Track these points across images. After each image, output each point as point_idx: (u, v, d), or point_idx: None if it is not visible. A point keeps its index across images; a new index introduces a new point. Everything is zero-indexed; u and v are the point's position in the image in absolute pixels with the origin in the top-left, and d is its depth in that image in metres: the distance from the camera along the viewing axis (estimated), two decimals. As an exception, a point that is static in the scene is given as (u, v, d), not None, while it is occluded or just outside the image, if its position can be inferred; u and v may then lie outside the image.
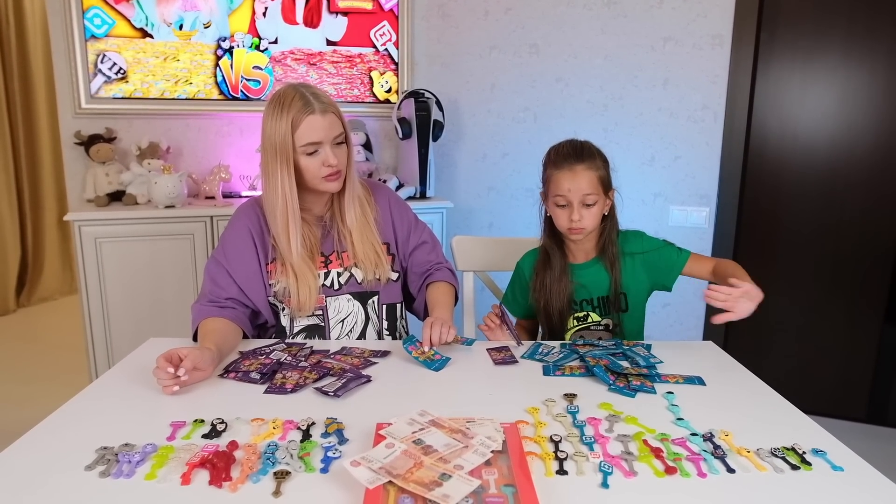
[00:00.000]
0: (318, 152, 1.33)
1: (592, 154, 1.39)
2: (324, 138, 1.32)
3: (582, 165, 1.36)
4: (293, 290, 1.38)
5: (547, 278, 1.46)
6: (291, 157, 1.31)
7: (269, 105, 1.33)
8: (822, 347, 2.54)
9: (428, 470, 0.80)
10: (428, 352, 1.26)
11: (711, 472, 0.86)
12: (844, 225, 2.44)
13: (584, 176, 1.36)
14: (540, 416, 1.03)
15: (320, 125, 1.31)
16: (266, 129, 1.32)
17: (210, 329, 1.29)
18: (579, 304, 1.46)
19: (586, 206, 1.37)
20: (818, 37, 2.37)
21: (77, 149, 2.50)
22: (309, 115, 1.30)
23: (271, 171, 1.33)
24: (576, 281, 1.45)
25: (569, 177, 1.36)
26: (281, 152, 1.31)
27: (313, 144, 1.31)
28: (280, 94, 1.33)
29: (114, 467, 0.85)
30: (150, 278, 2.30)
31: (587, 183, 1.36)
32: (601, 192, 1.38)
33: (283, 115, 1.30)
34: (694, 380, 1.18)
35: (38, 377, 2.87)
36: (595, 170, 1.37)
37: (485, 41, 2.76)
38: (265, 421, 0.99)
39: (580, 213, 1.36)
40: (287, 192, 1.33)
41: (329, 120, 1.32)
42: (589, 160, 1.37)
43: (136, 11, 2.49)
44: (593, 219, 1.38)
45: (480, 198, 2.89)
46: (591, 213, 1.37)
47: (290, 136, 1.30)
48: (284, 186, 1.32)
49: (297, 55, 2.70)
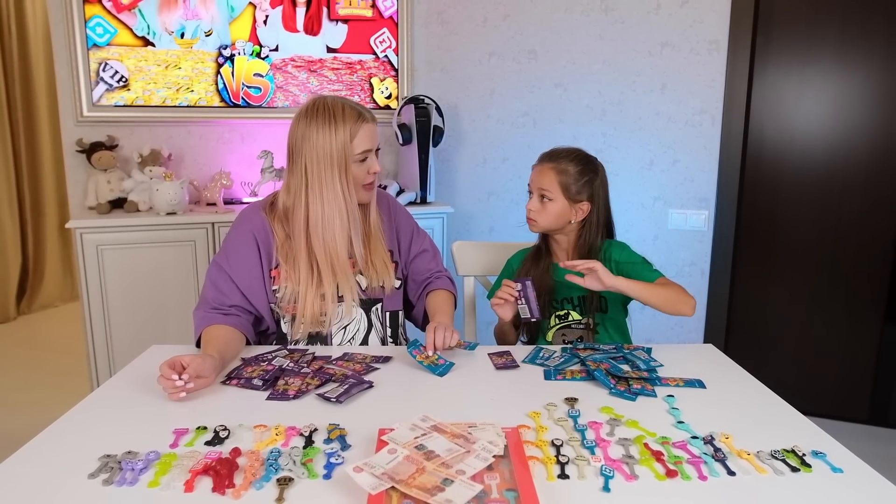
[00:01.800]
0: (366, 160, 1.38)
1: (565, 157, 1.48)
2: (373, 146, 1.39)
3: (549, 164, 1.48)
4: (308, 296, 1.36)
5: (532, 271, 1.54)
6: (347, 165, 1.35)
7: (315, 118, 1.34)
8: (823, 349, 2.55)
9: (430, 475, 0.81)
10: (432, 356, 1.27)
11: (712, 475, 0.87)
12: (843, 226, 2.45)
13: (547, 174, 1.47)
14: (541, 420, 1.03)
15: (373, 133, 1.38)
16: (317, 141, 1.33)
17: (213, 336, 1.29)
18: (560, 303, 1.52)
19: (541, 200, 1.47)
20: (813, 41, 2.39)
21: (79, 156, 2.51)
22: (364, 123, 1.36)
23: (327, 181, 1.34)
24: (556, 279, 1.51)
25: (537, 170, 1.50)
26: (339, 161, 1.34)
27: (367, 152, 1.37)
28: (326, 105, 1.35)
29: (117, 475, 0.85)
30: (151, 285, 2.31)
31: (547, 180, 1.47)
32: (560, 194, 1.46)
33: (339, 126, 1.33)
34: (694, 383, 1.19)
35: (40, 384, 2.87)
36: (559, 172, 1.46)
37: (484, 47, 2.77)
38: (268, 427, 0.99)
39: (534, 204, 1.48)
40: (349, 198, 1.36)
41: (375, 129, 1.40)
42: (557, 161, 1.48)
43: (138, 20, 2.50)
44: (546, 215, 1.47)
45: (481, 203, 2.90)
46: (545, 209, 1.47)
47: (349, 144, 1.34)
48: (346, 194, 1.36)
49: (298, 62, 2.72)
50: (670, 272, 2.64)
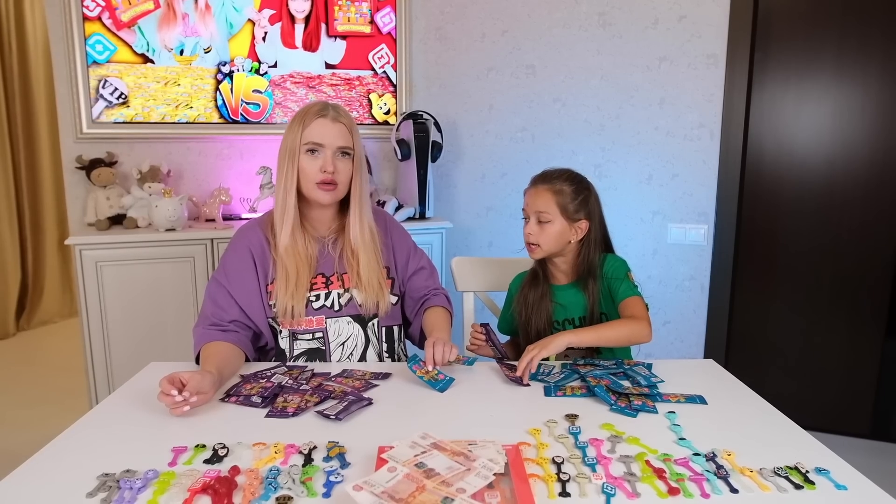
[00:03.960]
0: (318, 154, 1.39)
1: (559, 178, 1.47)
2: (327, 143, 1.38)
3: (544, 186, 1.46)
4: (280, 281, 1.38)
5: (530, 296, 1.53)
6: (297, 156, 1.39)
7: (293, 116, 1.43)
8: (824, 363, 2.54)
9: (430, 493, 0.80)
10: (432, 371, 1.26)
11: (715, 493, 0.86)
12: (843, 240, 2.45)
13: (542, 195, 1.45)
14: (542, 437, 1.02)
15: (327, 129, 1.38)
16: (285, 136, 1.42)
17: (212, 352, 1.29)
18: (561, 324, 1.51)
19: (540, 224, 1.45)
20: (811, 55, 2.40)
21: (78, 173, 2.52)
22: (320, 117, 1.39)
23: (284, 172, 1.40)
24: (556, 301, 1.51)
25: (531, 193, 1.48)
26: (290, 151, 1.39)
27: (314, 144, 1.38)
28: (305, 105, 1.44)
29: (115, 494, 0.85)
30: (150, 301, 2.30)
31: (543, 201, 1.45)
32: (558, 215, 1.45)
33: (299, 118, 1.40)
34: (695, 399, 1.18)
35: (38, 400, 2.85)
36: (555, 192, 1.45)
37: (482, 63, 2.79)
38: (267, 445, 0.98)
39: (532, 228, 1.46)
40: (289, 186, 1.39)
41: (338, 128, 1.40)
42: (552, 182, 1.46)
43: (138, 37, 2.52)
44: (546, 238, 1.45)
45: (480, 218, 2.91)
46: (545, 232, 1.45)
47: (300, 135, 1.38)
48: (288, 181, 1.39)
49: (297, 78, 2.73)
50: (670, 287, 2.64)
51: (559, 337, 1.29)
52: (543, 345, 1.27)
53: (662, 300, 2.64)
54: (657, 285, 2.65)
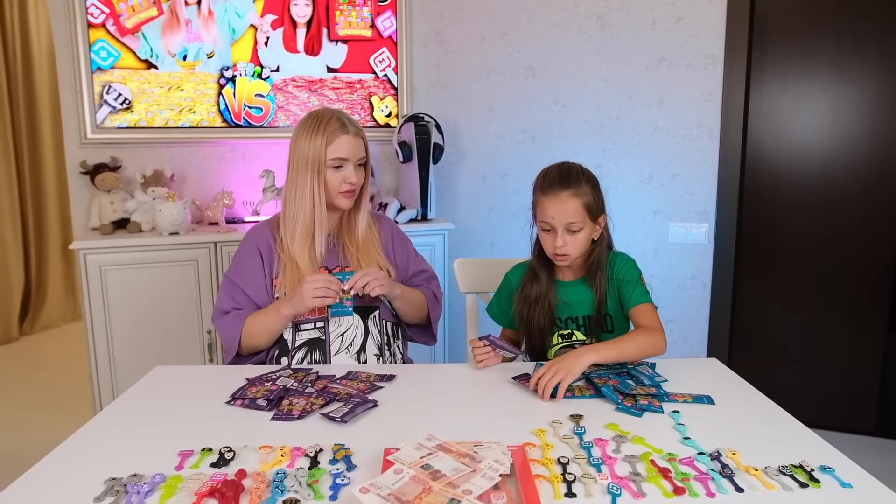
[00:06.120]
0: (342, 168, 1.47)
1: (579, 180, 1.38)
2: (350, 157, 1.47)
3: (567, 192, 1.36)
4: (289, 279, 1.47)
5: (532, 293, 1.47)
6: (323, 170, 1.46)
7: (306, 123, 1.48)
8: (827, 360, 2.54)
9: (437, 495, 0.80)
10: (344, 294, 1.38)
11: (720, 492, 0.86)
12: (843, 237, 2.45)
13: (569, 203, 1.35)
14: (547, 437, 1.03)
15: (351, 145, 1.47)
16: (300, 143, 1.47)
17: (258, 314, 1.46)
18: (564, 322, 1.47)
19: (571, 233, 1.37)
20: (808, 53, 2.41)
21: (82, 178, 2.52)
22: (343, 134, 1.46)
23: (300, 180, 1.46)
24: (560, 298, 1.46)
25: (554, 203, 1.36)
26: (313, 164, 1.45)
27: (341, 160, 1.46)
28: (318, 114, 1.49)
29: (123, 499, 0.85)
30: (154, 305, 2.31)
31: (572, 210, 1.35)
32: (587, 219, 1.38)
33: (320, 132, 1.45)
34: (703, 398, 1.18)
35: (42, 405, 2.86)
36: (580, 196, 1.36)
37: (482, 65, 2.80)
38: (273, 448, 0.99)
39: (564, 240, 1.37)
40: (317, 197, 1.46)
41: (358, 143, 1.49)
42: (575, 186, 1.36)
43: (141, 43, 2.53)
44: (578, 245, 1.39)
45: (481, 219, 2.91)
46: (576, 240, 1.38)
47: (324, 150, 1.45)
48: (314, 192, 1.46)
49: (299, 82, 2.74)
50: (672, 286, 2.64)
51: (582, 356, 1.21)
52: (567, 368, 1.18)
53: (665, 299, 2.64)
54: (659, 284, 2.65)
